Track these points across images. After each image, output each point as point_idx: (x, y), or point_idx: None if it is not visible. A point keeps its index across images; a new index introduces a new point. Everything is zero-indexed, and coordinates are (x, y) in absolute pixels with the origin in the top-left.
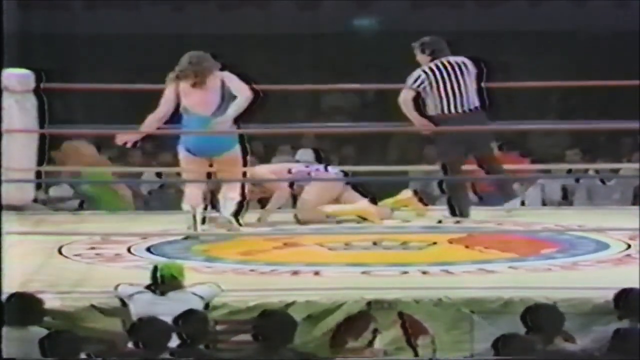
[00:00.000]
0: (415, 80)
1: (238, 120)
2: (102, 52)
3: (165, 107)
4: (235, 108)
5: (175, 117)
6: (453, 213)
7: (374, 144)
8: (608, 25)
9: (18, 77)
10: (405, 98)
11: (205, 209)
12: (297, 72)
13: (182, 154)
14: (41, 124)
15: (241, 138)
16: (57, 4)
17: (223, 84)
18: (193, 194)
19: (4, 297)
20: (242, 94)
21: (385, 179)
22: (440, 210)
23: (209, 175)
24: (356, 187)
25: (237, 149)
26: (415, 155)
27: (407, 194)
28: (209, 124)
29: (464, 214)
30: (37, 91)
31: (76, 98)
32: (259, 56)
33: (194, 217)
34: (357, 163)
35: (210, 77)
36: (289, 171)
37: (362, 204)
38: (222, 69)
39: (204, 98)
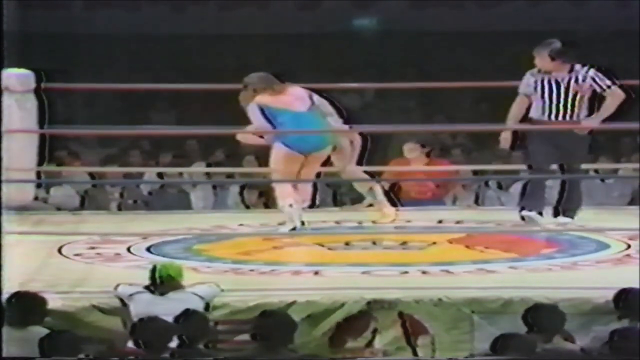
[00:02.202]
0: None
1: None
2: (102, 52)
3: (262, 123)
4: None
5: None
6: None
7: (372, 143)
8: (608, 25)
9: (18, 77)
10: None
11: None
12: (297, 72)
13: (281, 150)
14: (41, 124)
15: None
16: (57, 4)
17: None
18: (289, 191)
19: (5, 296)
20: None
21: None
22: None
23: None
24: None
25: (331, 146)
26: None
27: None
28: (309, 120)
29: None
30: (37, 91)
31: (76, 98)
32: (259, 56)
33: (295, 212)
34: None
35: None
36: None
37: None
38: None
39: (294, 96)
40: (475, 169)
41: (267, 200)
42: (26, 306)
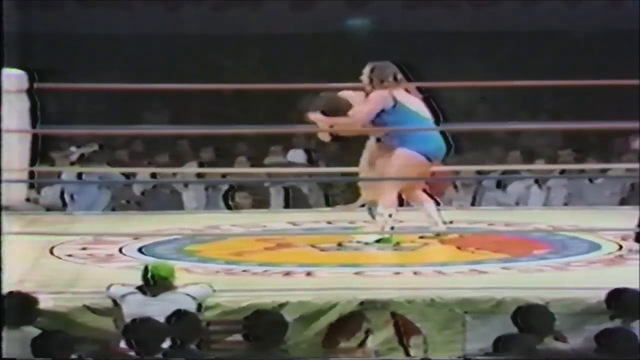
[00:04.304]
0: None
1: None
2: (101, 52)
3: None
4: None
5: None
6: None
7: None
8: (603, 25)
9: (10, 77)
10: None
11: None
12: (296, 72)
13: (411, 157)
14: (33, 124)
15: None
16: (56, 4)
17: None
18: (395, 200)
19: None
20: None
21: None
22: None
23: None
24: None
25: None
26: None
27: None
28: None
29: None
30: (29, 91)
31: (75, 98)
32: (257, 56)
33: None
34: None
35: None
36: None
37: None
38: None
39: (419, 100)
40: (474, 169)
41: (255, 201)
42: (18, 306)
